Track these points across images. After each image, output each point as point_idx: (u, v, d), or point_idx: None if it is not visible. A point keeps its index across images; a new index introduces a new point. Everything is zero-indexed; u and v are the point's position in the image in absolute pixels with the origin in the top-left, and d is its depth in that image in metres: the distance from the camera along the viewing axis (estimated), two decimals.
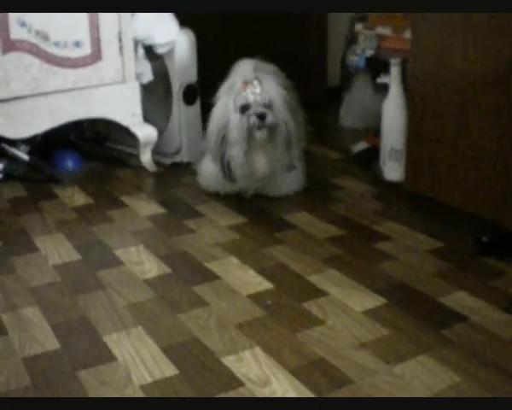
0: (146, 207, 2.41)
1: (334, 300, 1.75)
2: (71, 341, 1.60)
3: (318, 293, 1.78)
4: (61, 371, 1.49)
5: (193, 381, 1.44)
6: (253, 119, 2.22)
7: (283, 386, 1.42)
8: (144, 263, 1.97)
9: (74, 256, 2.05)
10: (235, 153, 2.27)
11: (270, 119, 2.23)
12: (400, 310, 1.70)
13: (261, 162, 2.31)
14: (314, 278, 1.84)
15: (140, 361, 1.51)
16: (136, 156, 2.81)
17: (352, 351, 1.53)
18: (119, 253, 2.05)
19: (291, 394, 1.39)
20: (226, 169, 2.31)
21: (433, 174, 2.22)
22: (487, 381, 1.41)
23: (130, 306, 1.75)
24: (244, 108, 2.25)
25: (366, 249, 2.03)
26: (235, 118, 2.26)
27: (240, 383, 1.43)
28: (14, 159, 2.71)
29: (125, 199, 2.50)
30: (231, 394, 1.39)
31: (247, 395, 1.39)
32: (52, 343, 1.60)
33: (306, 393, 1.39)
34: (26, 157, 2.70)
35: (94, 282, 1.88)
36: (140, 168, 2.80)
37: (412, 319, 1.65)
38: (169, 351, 1.55)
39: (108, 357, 1.53)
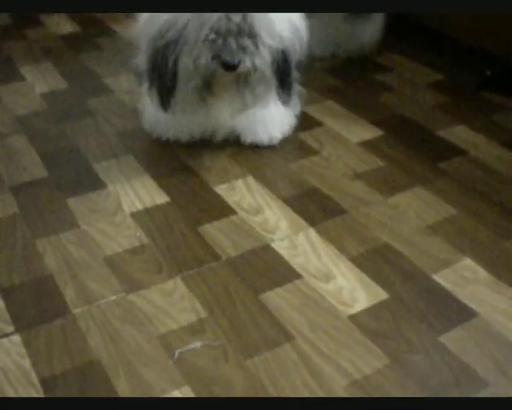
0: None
1: (331, 131, 1.70)
2: (60, 169, 1.57)
3: (314, 123, 1.73)
4: (50, 199, 1.46)
5: (185, 209, 1.42)
6: (217, 64, 1.41)
7: (276, 215, 1.39)
8: (135, 91, 1.89)
9: (62, 84, 1.97)
10: (183, 86, 1.47)
11: (246, 65, 1.42)
12: (397, 142, 1.65)
13: (222, 109, 1.55)
14: (310, 109, 1.78)
15: (130, 189, 1.48)
16: None
17: (347, 181, 1.50)
18: (108, 81, 1.97)
19: (283, 222, 1.37)
20: (161, 94, 1.49)
21: None
22: (483, 215, 1.39)
23: (121, 134, 1.69)
24: (211, 35, 1.40)
25: (365, 81, 1.95)
26: (191, 38, 1.40)
27: (232, 211, 1.40)
28: None
29: (114, 26, 2.39)
30: (224, 221, 1.37)
31: (239, 222, 1.37)
32: (40, 172, 1.56)
33: (299, 221, 1.37)
34: None
35: (83, 110, 1.82)
36: None
37: (409, 152, 1.61)
38: (160, 179, 1.51)
39: (98, 185, 1.50)
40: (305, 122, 1.71)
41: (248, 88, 1.47)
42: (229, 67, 1.39)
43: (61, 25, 2.42)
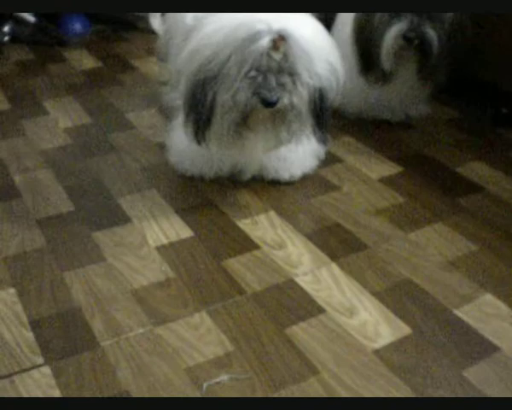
0: (156, 71, 2.35)
1: (350, 167, 1.73)
2: (85, 203, 1.60)
3: (334, 160, 1.76)
4: (76, 233, 1.49)
5: (208, 243, 1.44)
6: (256, 100, 1.40)
7: (298, 249, 1.42)
8: (157, 126, 1.94)
9: (85, 119, 2.01)
10: (219, 119, 1.45)
11: (285, 102, 1.41)
12: (416, 178, 1.68)
13: (256, 144, 1.52)
14: (329, 145, 1.81)
15: (155, 223, 1.51)
16: (146, 19, 2.72)
17: (368, 217, 1.53)
18: (130, 116, 2.01)
19: (306, 257, 1.39)
20: (196, 127, 1.48)
21: None
22: (503, 251, 1.41)
23: (144, 169, 1.73)
24: (252, 72, 1.39)
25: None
26: (232, 73, 1.40)
27: (255, 246, 1.43)
28: (20, 21, 2.63)
29: (135, 62, 2.44)
30: (248, 256, 1.40)
31: (262, 257, 1.39)
32: (66, 205, 1.59)
33: (322, 256, 1.39)
34: (32, 19, 2.61)
35: (106, 145, 1.85)
36: (149, 31, 2.71)
37: (428, 188, 1.64)
38: (184, 214, 1.54)
39: (123, 219, 1.53)
40: (325, 158, 1.74)
41: (284, 125, 1.46)
42: (268, 104, 1.39)
43: (83, 60, 2.48)
